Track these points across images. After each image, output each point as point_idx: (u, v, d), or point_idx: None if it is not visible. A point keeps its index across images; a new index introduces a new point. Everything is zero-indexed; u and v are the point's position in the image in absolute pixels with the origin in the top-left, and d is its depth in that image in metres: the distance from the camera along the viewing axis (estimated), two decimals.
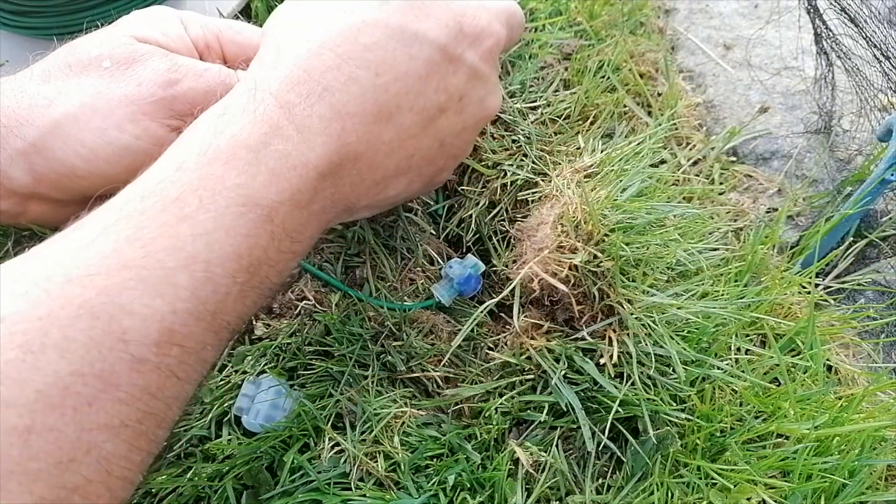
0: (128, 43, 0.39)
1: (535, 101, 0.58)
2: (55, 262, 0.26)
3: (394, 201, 0.40)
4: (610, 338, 0.42)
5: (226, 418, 0.43)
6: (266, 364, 0.45)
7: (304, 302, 0.47)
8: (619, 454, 0.42)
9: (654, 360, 0.41)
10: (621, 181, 0.45)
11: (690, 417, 0.42)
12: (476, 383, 0.45)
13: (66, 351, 0.25)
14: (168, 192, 0.29)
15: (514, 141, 0.54)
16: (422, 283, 0.50)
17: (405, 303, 0.48)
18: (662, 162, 0.59)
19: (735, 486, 0.40)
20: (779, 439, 0.44)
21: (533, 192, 0.50)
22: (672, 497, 0.41)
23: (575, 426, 0.41)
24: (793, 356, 0.47)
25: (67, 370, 0.24)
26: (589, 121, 0.58)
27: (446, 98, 0.37)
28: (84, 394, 0.25)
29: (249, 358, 0.45)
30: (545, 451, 0.41)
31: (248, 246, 0.30)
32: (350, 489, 0.40)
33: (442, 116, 0.38)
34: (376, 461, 0.41)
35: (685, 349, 0.42)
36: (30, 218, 0.41)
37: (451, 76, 0.37)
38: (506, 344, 0.46)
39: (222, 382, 0.44)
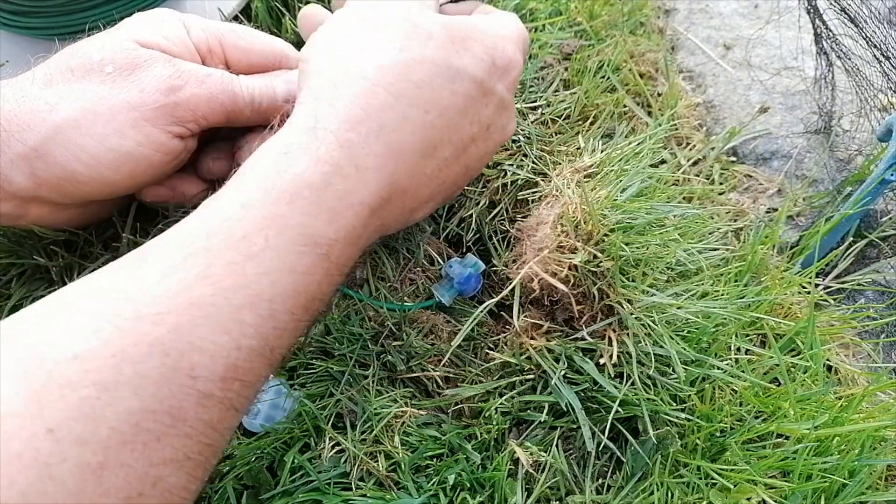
0: (130, 48, 0.39)
1: (535, 101, 0.58)
2: (126, 297, 0.27)
3: (418, 221, 0.41)
4: (610, 338, 0.42)
5: None
6: None
7: None
8: (619, 454, 0.42)
9: (653, 360, 0.41)
10: (621, 181, 0.45)
11: (690, 417, 0.42)
12: (476, 383, 0.45)
13: (138, 388, 0.25)
14: (234, 230, 0.29)
15: (514, 141, 0.54)
16: (422, 283, 0.50)
17: (405, 303, 0.48)
18: (662, 162, 0.59)
19: (735, 486, 0.40)
20: (779, 439, 0.44)
21: (533, 192, 0.50)
22: (672, 497, 0.41)
23: (575, 426, 0.42)
24: (793, 356, 0.47)
25: (139, 407, 0.25)
26: (589, 121, 0.58)
27: (478, 129, 0.39)
28: (154, 430, 0.25)
29: None
30: (545, 451, 0.41)
31: (306, 283, 0.30)
32: (350, 489, 0.40)
33: (472, 145, 0.39)
34: (377, 461, 0.41)
35: (685, 349, 0.42)
36: (30, 220, 0.41)
37: (483, 108, 0.38)
38: (506, 344, 0.46)
39: None
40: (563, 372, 0.42)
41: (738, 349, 0.46)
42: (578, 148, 0.53)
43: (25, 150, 0.37)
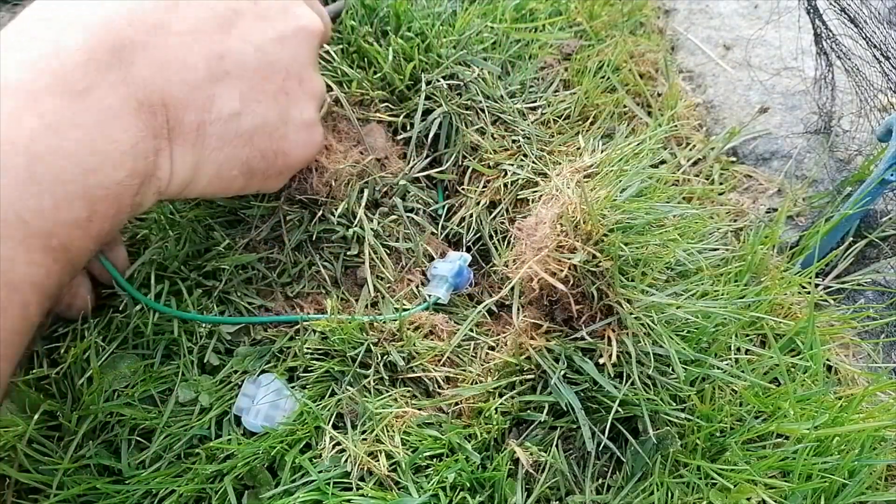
0: None
1: (535, 101, 0.58)
2: None
3: (241, 130, 0.39)
4: (609, 337, 0.42)
5: (226, 418, 0.43)
6: (266, 364, 0.45)
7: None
8: (619, 454, 0.42)
9: (653, 359, 0.41)
10: (621, 181, 0.45)
11: (690, 417, 0.42)
12: (476, 383, 0.45)
13: None
14: None
15: (514, 141, 0.54)
16: (422, 282, 0.50)
17: (404, 305, 0.48)
18: (662, 162, 0.59)
19: (735, 486, 0.40)
20: (779, 439, 0.44)
21: (533, 192, 0.50)
22: (672, 497, 0.41)
23: (575, 426, 0.41)
24: (793, 356, 0.47)
25: None
26: (589, 121, 0.58)
27: None
28: None
29: (249, 358, 0.45)
30: (545, 451, 0.41)
31: (12, 126, 0.30)
32: (351, 489, 0.40)
33: (240, 19, 0.38)
34: (377, 461, 0.41)
35: (685, 349, 0.42)
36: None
37: None
38: (505, 344, 0.46)
39: (222, 382, 0.44)
40: (562, 372, 0.42)
41: (738, 349, 0.46)
42: (578, 148, 0.53)
43: None
